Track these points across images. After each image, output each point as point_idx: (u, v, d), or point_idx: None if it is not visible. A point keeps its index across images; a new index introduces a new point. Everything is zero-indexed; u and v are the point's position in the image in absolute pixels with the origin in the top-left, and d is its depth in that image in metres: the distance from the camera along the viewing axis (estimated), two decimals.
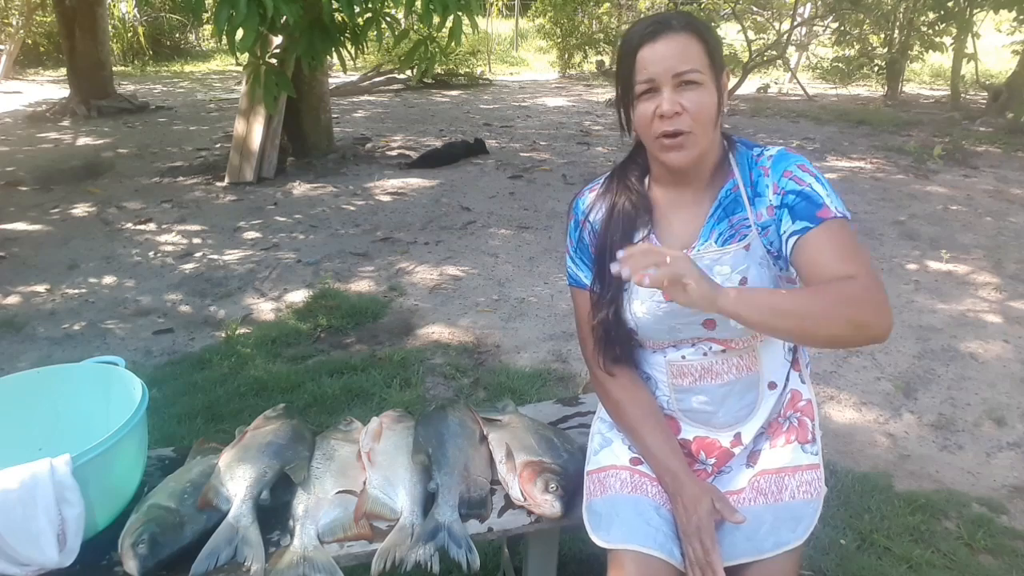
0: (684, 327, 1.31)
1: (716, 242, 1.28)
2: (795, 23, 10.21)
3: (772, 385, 1.35)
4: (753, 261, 1.26)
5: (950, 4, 8.72)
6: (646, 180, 1.38)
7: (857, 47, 10.66)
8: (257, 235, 4.64)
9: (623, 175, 1.38)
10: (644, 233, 1.33)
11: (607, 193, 1.38)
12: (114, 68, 10.59)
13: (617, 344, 1.37)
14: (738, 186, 1.28)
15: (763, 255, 1.26)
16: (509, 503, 1.42)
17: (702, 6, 10.69)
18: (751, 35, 9.70)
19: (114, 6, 13.92)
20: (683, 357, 1.34)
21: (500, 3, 16.94)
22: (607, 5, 12.90)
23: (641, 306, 1.31)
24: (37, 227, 4.78)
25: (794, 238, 1.20)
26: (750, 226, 1.26)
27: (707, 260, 1.27)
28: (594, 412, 1.53)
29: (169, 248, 4.41)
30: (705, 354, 1.32)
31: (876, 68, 10.92)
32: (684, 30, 1.20)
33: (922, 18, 9.62)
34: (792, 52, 11.35)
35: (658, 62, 1.19)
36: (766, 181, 1.26)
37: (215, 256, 4.28)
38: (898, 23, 9.94)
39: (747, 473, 1.34)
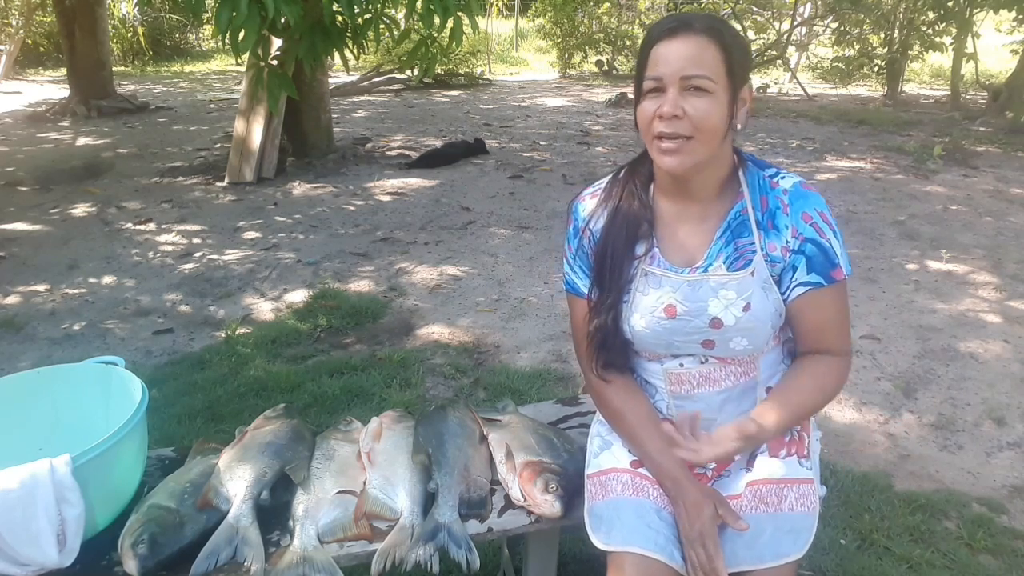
0: (683, 344, 1.29)
1: (724, 264, 1.26)
2: (795, 23, 10.21)
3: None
4: (757, 286, 1.25)
5: (950, 4, 8.72)
6: (651, 188, 1.34)
7: (857, 47, 10.66)
8: (257, 235, 4.64)
9: (630, 178, 1.34)
10: (646, 246, 1.30)
11: (608, 199, 1.34)
12: (114, 68, 10.58)
13: (613, 351, 1.35)
14: (747, 209, 1.26)
15: (766, 279, 1.25)
16: (509, 503, 1.42)
17: (702, 5, 10.69)
18: (751, 35, 9.71)
19: (114, 6, 13.90)
20: (681, 365, 1.33)
21: (500, 3, 16.93)
22: (607, 5, 12.89)
23: (640, 320, 1.29)
24: (37, 227, 4.78)
25: (804, 289, 1.25)
26: (755, 251, 1.25)
27: (713, 283, 1.25)
28: (594, 412, 1.53)
29: (169, 248, 4.41)
30: (703, 362, 1.32)
31: (876, 68, 10.92)
32: (704, 33, 1.15)
33: (922, 18, 9.61)
34: (792, 52, 11.35)
35: (670, 62, 1.15)
36: (785, 219, 1.24)
37: (215, 256, 4.28)
38: (898, 23, 9.94)
39: (746, 478, 1.33)
